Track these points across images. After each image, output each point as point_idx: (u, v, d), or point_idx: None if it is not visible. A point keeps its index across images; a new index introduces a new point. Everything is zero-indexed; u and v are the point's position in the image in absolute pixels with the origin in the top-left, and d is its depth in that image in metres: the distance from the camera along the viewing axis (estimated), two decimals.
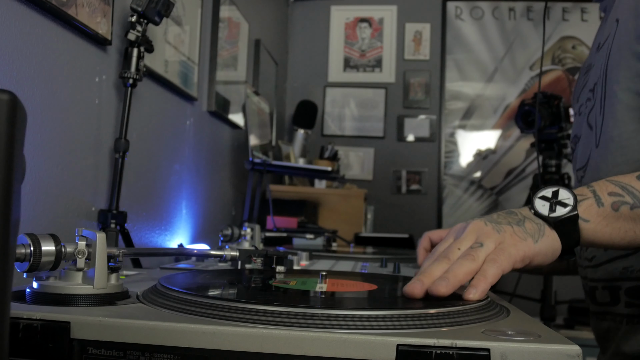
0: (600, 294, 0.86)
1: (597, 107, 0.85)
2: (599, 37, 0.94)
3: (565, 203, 0.65)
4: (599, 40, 0.92)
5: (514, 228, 0.64)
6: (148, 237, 1.63)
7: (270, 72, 3.23)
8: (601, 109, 0.82)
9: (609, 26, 0.86)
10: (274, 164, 2.31)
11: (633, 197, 0.65)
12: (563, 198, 0.65)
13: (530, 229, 0.64)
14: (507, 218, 0.66)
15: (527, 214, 0.67)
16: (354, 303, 0.58)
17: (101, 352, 0.46)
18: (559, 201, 0.65)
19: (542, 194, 0.67)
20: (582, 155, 0.88)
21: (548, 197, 0.66)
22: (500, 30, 3.73)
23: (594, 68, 0.90)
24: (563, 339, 0.45)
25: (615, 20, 0.83)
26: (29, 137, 0.81)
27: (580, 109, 0.95)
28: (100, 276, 0.54)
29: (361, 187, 3.12)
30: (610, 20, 0.86)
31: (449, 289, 0.57)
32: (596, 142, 0.83)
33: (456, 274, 0.58)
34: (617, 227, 0.65)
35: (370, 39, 3.83)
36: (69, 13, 1.13)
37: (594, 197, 0.66)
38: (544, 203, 0.66)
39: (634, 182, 0.65)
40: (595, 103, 0.86)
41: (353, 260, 1.20)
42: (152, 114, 1.63)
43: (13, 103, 0.36)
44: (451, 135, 3.73)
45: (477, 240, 0.63)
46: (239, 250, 0.77)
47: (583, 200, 0.66)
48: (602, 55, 0.86)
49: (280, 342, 0.44)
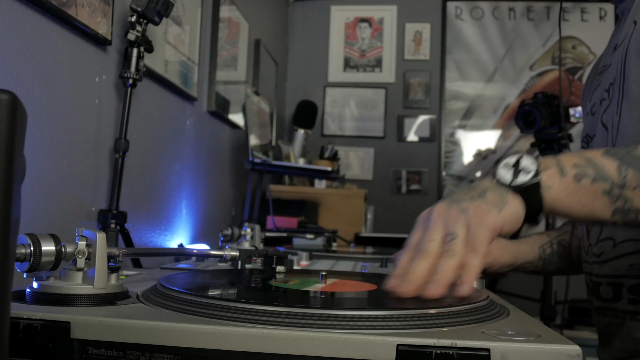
0: (605, 290, 0.86)
1: (612, 107, 0.84)
2: (615, 38, 0.93)
3: (528, 170, 0.65)
4: (616, 41, 0.91)
5: (477, 202, 0.64)
6: (148, 237, 1.63)
7: (270, 72, 3.23)
8: (618, 108, 0.81)
9: (626, 27, 0.86)
10: (274, 164, 2.31)
11: (596, 170, 0.64)
12: (526, 165, 0.65)
13: (493, 199, 0.64)
14: (468, 193, 0.66)
15: (488, 184, 0.67)
16: (354, 303, 0.58)
17: (101, 352, 0.46)
18: (522, 168, 0.65)
19: (505, 161, 0.67)
20: None
21: (511, 165, 0.66)
22: (500, 30, 3.73)
23: (610, 68, 0.89)
24: (563, 339, 0.45)
25: (633, 22, 0.82)
26: (29, 137, 0.81)
27: (593, 108, 0.94)
28: (100, 276, 0.54)
29: (361, 187, 3.12)
30: (628, 22, 0.86)
31: (442, 291, 0.58)
32: (612, 141, 0.82)
33: (443, 275, 0.59)
34: (577, 198, 0.65)
35: (370, 39, 3.83)
36: (69, 13, 1.13)
37: (557, 167, 0.65)
38: (507, 170, 0.66)
39: (599, 157, 0.65)
40: (610, 103, 0.85)
41: (353, 260, 1.20)
42: (152, 114, 1.63)
43: (13, 103, 0.36)
44: (451, 135, 3.73)
45: (447, 231, 0.62)
46: (239, 250, 0.77)
47: (546, 169, 0.65)
48: (618, 56, 0.85)
49: (280, 342, 0.44)
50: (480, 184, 0.68)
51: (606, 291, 0.86)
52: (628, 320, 0.82)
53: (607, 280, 0.86)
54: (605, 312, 0.88)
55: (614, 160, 0.64)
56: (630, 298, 0.82)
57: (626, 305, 0.83)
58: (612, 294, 0.85)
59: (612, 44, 0.95)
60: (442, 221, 0.64)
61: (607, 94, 0.87)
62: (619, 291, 0.83)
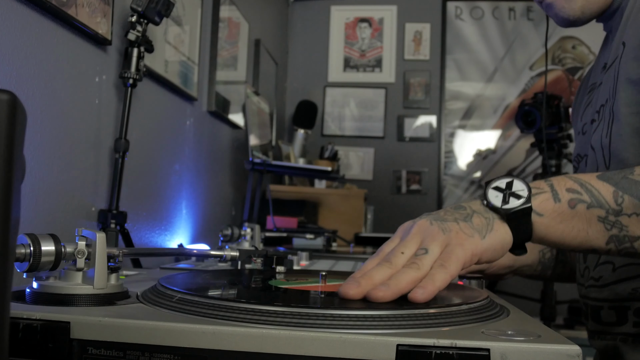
0: (606, 314, 0.84)
1: (602, 129, 0.83)
2: (603, 56, 0.93)
3: (519, 195, 0.62)
4: (604, 60, 0.91)
5: (460, 224, 0.61)
6: (148, 237, 1.63)
7: (270, 72, 3.23)
8: (608, 130, 0.81)
9: (615, 48, 0.85)
10: (274, 164, 2.31)
11: (591, 196, 0.62)
12: (517, 189, 0.62)
13: (478, 224, 0.62)
14: (454, 214, 0.63)
15: (476, 207, 0.64)
16: (354, 303, 0.58)
17: (101, 352, 0.46)
18: (513, 192, 0.62)
19: (495, 184, 0.64)
20: None
21: (502, 188, 0.63)
22: (500, 30, 3.73)
23: (601, 89, 0.88)
24: (563, 339, 0.45)
25: (622, 44, 0.82)
26: (29, 137, 0.81)
27: (584, 128, 0.92)
28: (100, 276, 0.54)
29: (361, 187, 3.12)
30: (616, 42, 0.85)
31: (388, 296, 0.54)
32: (606, 163, 0.81)
33: (399, 281, 0.55)
34: (570, 225, 0.62)
35: (370, 39, 3.83)
36: (69, 13, 1.13)
37: (551, 192, 0.62)
38: (497, 194, 0.63)
39: (593, 181, 0.63)
40: (600, 124, 0.84)
41: (353, 260, 1.20)
42: (152, 114, 1.63)
43: (13, 103, 0.36)
44: (451, 135, 3.73)
45: (421, 245, 0.60)
46: (239, 250, 0.77)
47: (539, 194, 0.63)
48: (609, 78, 0.85)
49: (280, 342, 0.44)
50: (468, 205, 0.65)
51: (608, 315, 0.83)
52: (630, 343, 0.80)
53: (609, 305, 0.83)
54: (605, 336, 0.86)
55: (609, 185, 0.62)
56: (635, 321, 0.80)
57: (630, 328, 0.81)
58: (615, 317, 0.82)
59: (600, 62, 0.94)
60: (420, 237, 0.61)
61: (597, 115, 0.86)
62: (624, 314, 0.81)
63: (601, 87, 0.88)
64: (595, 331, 0.88)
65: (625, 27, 0.83)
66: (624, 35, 0.83)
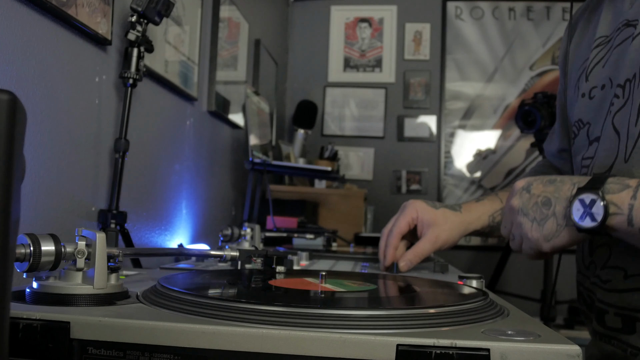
0: (612, 319, 0.82)
1: (629, 111, 0.75)
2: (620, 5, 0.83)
3: (595, 218, 0.66)
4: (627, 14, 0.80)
5: (533, 226, 0.73)
6: (148, 237, 1.63)
7: (270, 72, 3.23)
8: (638, 118, 0.74)
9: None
10: (274, 164, 2.31)
11: None
12: (595, 212, 0.66)
13: (548, 230, 0.72)
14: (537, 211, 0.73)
15: (558, 210, 0.71)
16: (354, 303, 0.58)
17: (101, 352, 0.46)
18: (591, 213, 0.66)
19: (582, 196, 0.67)
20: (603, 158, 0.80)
21: (585, 204, 0.67)
22: (500, 30, 3.73)
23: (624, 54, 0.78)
24: (563, 339, 0.45)
25: None
26: (29, 137, 0.81)
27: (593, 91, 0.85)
28: (100, 276, 0.54)
29: (361, 187, 3.12)
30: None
31: None
32: (625, 155, 0.76)
33: None
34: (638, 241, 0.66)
35: (370, 39, 3.83)
36: (69, 13, 1.13)
37: (628, 216, 0.64)
38: (579, 208, 0.67)
39: None
40: (627, 106, 0.76)
41: (353, 260, 1.20)
42: (152, 114, 1.63)
43: (13, 103, 0.36)
44: (451, 135, 3.73)
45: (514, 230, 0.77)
46: (239, 250, 0.77)
47: (615, 215, 0.65)
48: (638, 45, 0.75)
49: (280, 342, 0.44)
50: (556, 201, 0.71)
51: (614, 321, 0.82)
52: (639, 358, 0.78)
53: (616, 311, 0.81)
54: (610, 341, 0.83)
55: None
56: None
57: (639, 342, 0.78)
58: (621, 324, 0.81)
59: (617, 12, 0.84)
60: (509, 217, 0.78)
61: (621, 90, 0.78)
62: (632, 325, 0.79)
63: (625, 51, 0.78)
64: (599, 333, 0.86)
65: None
66: None
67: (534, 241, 0.73)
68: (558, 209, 0.71)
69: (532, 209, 0.73)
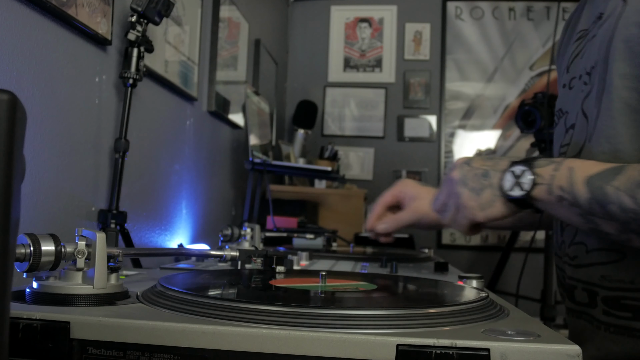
0: (580, 294, 0.87)
1: (592, 97, 0.80)
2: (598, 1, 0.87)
3: (523, 187, 0.73)
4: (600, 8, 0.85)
5: (471, 195, 0.77)
6: (148, 237, 1.63)
7: (270, 72, 3.23)
8: (597, 101, 0.78)
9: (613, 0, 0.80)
10: (274, 164, 2.31)
11: (573, 197, 0.71)
12: (523, 181, 0.73)
13: (484, 199, 0.77)
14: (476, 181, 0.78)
15: (494, 181, 0.76)
16: (354, 303, 0.58)
17: (101, 352, 0.46)
18: (519, 183, 0.74)
19: (513, 168, 0.74)
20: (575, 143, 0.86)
21: (516, 174, 0.74)
22: (500, 30, 3.73)
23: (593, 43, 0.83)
24: (563, 339, 0.45)
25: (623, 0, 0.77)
26: (29, 137, 0.81)
27: (572, 82, 0.90)
28: (100, 276, 0.54)
29: (361, 187, 3.12)
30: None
31: None
32: (588, 136, 0.81)
33: None
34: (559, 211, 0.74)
35: (370, 39, 3.83)
36: (69, 13, 1.13)
37: (548, 186, 0.72)
38: (510, 179, 0.74)
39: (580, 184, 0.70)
40: (592, 91, 0.81)
41: (353, 260, 1.20)
42: (152, 114, 1.63)
43: (13, 103, 0.36)
44: (451, 135, 3.73)
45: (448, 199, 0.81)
46: (239, 250, 0.77)
47: (540, 185, 0.73)
48: (603, 34, 0.79)
49: (280, 342, 0.44)
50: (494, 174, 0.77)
51: (581, 295, 0.86)
52: (603, 331, 0.82)
53: (582, 286, 0.86)
54: (581, 316, 0.87)
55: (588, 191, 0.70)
56: (604, 309, 0.82)
57: (601, 316, 0.82)
58: (587, 299, 0.85)
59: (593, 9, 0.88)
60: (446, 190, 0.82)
61: (588, 77, 0.83)
62: (594, 298, 0.84)
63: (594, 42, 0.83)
64: (571, 309, 0.90)
65: None
66: None
67: (470, 210, 0.77)
68: (494, 180, 0.76)
69: (472, 179, 0.78)
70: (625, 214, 0.66)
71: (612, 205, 0.67)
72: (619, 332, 0.80)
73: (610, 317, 0.81)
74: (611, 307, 0.81)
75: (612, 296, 0.81)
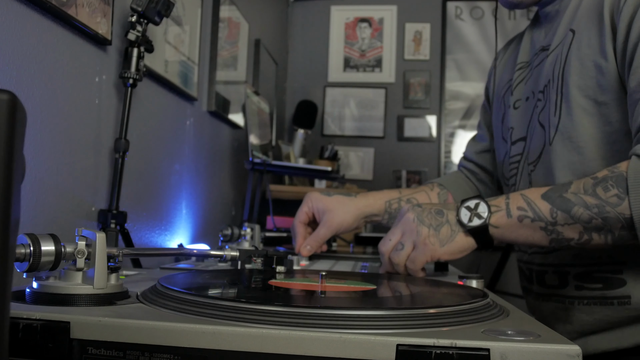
0: (550, 277, 0.99)
1: (550, 108, 0.94)
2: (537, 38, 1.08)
3: (481, 215, 0.82)
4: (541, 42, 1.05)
5: (430, 231, 0.83)
6: (148, 237, 1.63)
7: (270, 72, 3.23)
8: (556, 110, 0.93)
9: (560, 33, 0.97)
10: (274, 164, 2.31)
11: (534, 212, 0.80)
12: (480, 211, 0.82)
13: (443, 235, 0.83)
14: (432, 219, 0.84)
15: (451, 218, 0.84)
16: (354, 303, 0.58)
17: (101, 352, 0.46)
18: (477, 213, 0.82)
19: (467, 204, 0.83)
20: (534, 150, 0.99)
21: (471, 208, 0.83)
22: (501, 30, 3.73)
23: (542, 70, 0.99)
24: (563, 339, 0.45)
25: (570, 31, 0.94)
26: (29, 137, 0.81)
27: (517, 103, 1.07)
28: (100, 276, 0.54)
29: (361, 187, 3.12)
30: (562, 28, 0.97)
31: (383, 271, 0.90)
32: (549, 140, 0.94)
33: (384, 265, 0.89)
34: (520, 233, 0.82)
35: (370, 39, 3.83)
36: (69, 13, 1.13)
37: (506, 210, 0.81)
38: (466, 212, 0.83)
39: (538, 200, 0.80)
40: (547, 104, 0.96)
41: (353, 260, 1.20)
42: (152, 114, 1.63)
43: (13, 103, 0.36)
44: (451, 135, 3.73)
45: (400, 240, 0.86)
46: (239, 250, 0.77)
47: (496, 212, 0.82)
48: (553, 61, 0.96)
49: (280, 342, 0.44)
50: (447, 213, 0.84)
51: (552, 278, 0.98)
52: (576, 305, 0.94)
53: (553, 269, 0.98)
54: (550, 298, 0.99)
55: (548, 203, 0.79)
56: (576, 285, 0.94)
57: (573, 291, 0.95)
58: (557, 281, 0.97)
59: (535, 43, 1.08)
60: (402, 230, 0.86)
61: (542, 95, 0.98)
62: (565, 278, 0.96)
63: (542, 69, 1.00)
64: (541, 294, 1.02)
65: (575, 15, 0.94)
66: (572, 23, 0.94)
67: (430, 246, 0.83)
68: (450, 217, 0.84)
69: (427, 217, 0.84)
70: (590, 211, 0.77)
71: (576, 207, 0.77)
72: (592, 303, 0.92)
73: (582, 290, 0.93)
74: (584, 282, 0.93)
75: (583, 272, 0.93)
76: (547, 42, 1.02)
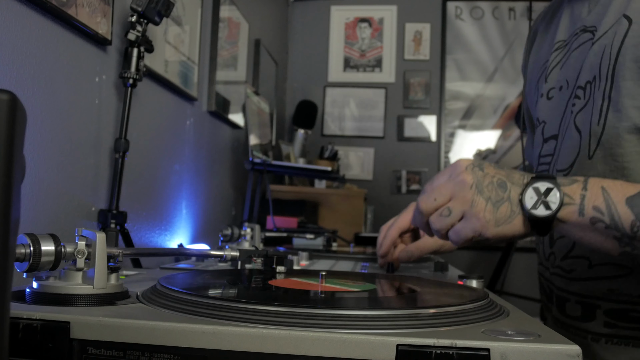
0: (572, 307, 0.85)
1: (593, 113, 0.78)
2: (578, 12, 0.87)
3: (549, 206, 0.66)
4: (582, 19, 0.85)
5: (487, 206, 0.68)
6: (148, 237, 1.63)
7: (270, 72, 3.23)
8: (601, 118, 0.76)
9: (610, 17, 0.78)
10: (274, 164, 2.31)
11: (612, 219, 0.65)
12: (551, 200, 0.66)
13: (501, 214, 0.68)
14: (493, 191, 0.68)
15: (513, 195, 0.68)
16: (354, 303, 0.58)
17: (101, 352, 0.46)
18: (546, 201, 0.66)
19: (536, 184, 0.67)
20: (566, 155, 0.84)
21: (540, 192, 0.67)
22: (500, 30, 3.73)
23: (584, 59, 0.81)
24: (563, 339, 0.45)
25: (624, 17, 0.75)
26: (29, 137, 0.81)
27: (551, 92, 0.89)
28: (100, 276, 0.54)
29: (361, 187, 3.12)
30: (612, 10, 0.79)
31: None
32: (589, 152, 0.79)
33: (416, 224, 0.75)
34: (587, 235, 0.67)
35: (370, 39, 3.83)
36: (69, 13, 1.13)
37: (579, 206, 0.66)
38: (533, 195, 0.67)
39: (620, 204, 0.65)
40: (587, 105, 0.80)
41: (353, 260, 1.20)
42: (152, 114, 1.63)
43: (13, 103, 0.36)
44: (451, 135, 3.73)
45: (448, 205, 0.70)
46: (239, 250, 0.77)
47: (568, 205, 0.66)
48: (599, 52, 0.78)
49: (280, 342, 0.44)
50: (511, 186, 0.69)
51: (574, 309, 0.85)
52: (602, 343, 0.81)
53: (577, 299, 0.84)
54: (569, 329, 0.86)
55: (631, 212, 0.64)
56: (606, 321, 0.80)
57: (601, 328, 0.81)
58: (580, 312, 0.84)
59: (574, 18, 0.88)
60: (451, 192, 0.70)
61: (582, 92, 0.81)
62: (592, 312, 0.82)
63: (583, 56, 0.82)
64: (559, 320, 0.89)
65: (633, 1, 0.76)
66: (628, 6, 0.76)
67: (484, 222, 0.68)
68: (513, 194, 0.68)
69: (488, 187, 0.69)
70: None
71: None
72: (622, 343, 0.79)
73: (613, 328, 0.80)
74: (617, 319, 0.79)
75: (618, 309, 0.79)
76: (591, 22, 0.83)
